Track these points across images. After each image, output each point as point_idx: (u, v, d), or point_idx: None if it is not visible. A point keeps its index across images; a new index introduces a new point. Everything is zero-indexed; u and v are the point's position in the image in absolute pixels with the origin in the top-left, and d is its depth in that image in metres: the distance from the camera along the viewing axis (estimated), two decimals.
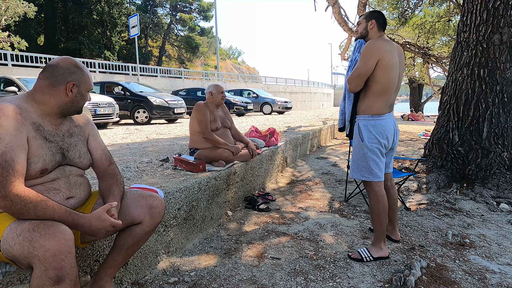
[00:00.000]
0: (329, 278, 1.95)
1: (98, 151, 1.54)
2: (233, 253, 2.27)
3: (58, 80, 1.31)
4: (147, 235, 1.53)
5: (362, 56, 2.03)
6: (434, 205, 3.25)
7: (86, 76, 1.39)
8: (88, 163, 1.49)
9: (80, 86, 1.36)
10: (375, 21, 2.13)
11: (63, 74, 1.32)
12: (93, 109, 7.83)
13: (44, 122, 1.31)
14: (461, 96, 3.88)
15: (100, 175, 1.55)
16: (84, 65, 1.41)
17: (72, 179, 1.39)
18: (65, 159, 1.36)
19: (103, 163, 1.55)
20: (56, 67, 1.32)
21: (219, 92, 3.26)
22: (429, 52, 10.09)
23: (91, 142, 1.53)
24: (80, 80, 1.36)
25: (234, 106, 14.48)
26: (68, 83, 1.32)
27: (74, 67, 1.35)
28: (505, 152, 3.64)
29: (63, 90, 1.32)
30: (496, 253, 2.27)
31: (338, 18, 8.49)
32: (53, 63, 1.34)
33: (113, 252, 1.51)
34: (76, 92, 1.35)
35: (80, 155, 1.44)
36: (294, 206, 3.29)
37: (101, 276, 1.51)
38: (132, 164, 3.11)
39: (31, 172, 1.22)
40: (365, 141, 2.10)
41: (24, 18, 18.73)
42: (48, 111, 1.33)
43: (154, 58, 36.15)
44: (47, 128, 1.32)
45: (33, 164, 1.23)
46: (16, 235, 1.08)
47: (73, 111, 1.40)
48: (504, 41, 3.56)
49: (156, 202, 1.53)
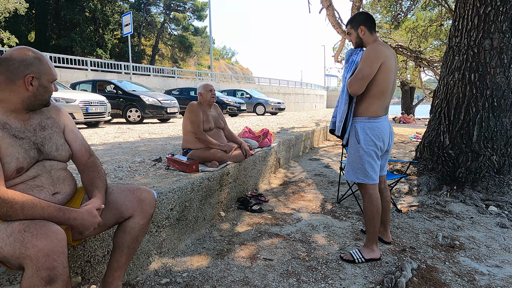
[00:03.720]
0: (321, 279, 1.96)
1: (77, 142, 1.48)
2: (225, 254, 2.27)
3: (15, 74, 1.21)
4: (143, 229, 1.50)
5: (366, 59, 2.02)
6: (424, 207, 3.28)
7: (46, 65, 1.28)
8: (67, 155, 1.42)
9: (40, 78, 1.26)
10: (363, 26, 2.12)
11: (19, 67, 1.22)
12: (85, 107, 7.74)
13: (9, 119, 1.24)
14: (452, 100, 3.93)
15: (80, 168, 1.50)
16: (43, 54, 1.30)
17: (54, 174, 1.34)
18: (41, 154, 1.31)
19: (83, 154, 1.49)
20: (10, 60, 1.21)
21: (208, 90, 3.26)
22: (421, 55, 10.21)
23: (68, 133, 1.46)
24: (39, 72, 1.25)
25: (227, 106, 14.47)
26: (26, 76, 1.22)
27: (31, 58, 1.24)
28: (494, 156, 3.71)
29: (22, 85, 1.22)
30: (485, 255, 2.31)
31: (332, 21, 8.54)
32: (6, 55, 1.23)
33: (115, 254, 1.49)
34: (37, 84, 1.26)
35: (58, 147, 1.37)
36: (287, 207, 3.30)
37: (109, 281, 1.49)
38: (125, 164, 3.08)
39: (7, 173, 1.18)
40: (361, 144, 2.11)
41: (14, 14, 18.42)
42: (11, 107, 1.25)
43: (147, 57, 35.88)
44: (15, 125, 1.25)
45: (6, 164, 1.18)
46: (7, 236, 1.06)
47: (38, 104, 1.32)
48: (495, 46, 3.62)
49: (145, 194, 1.50)
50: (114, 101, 9.85)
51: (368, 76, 2.02)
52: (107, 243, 1.76)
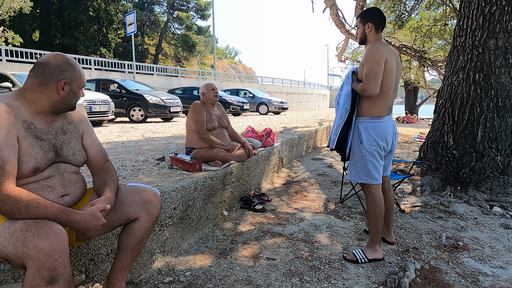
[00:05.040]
0: (324, 279, 1.96)
1: (93, 148, 1.52)
2: (228, 253, 2.27)
3: (49, 79, 1.28)
4: (148, 232, 1.51)
5: (371, 59, 2.00)
6: (428, 208, 3.27)
7: (78, 73, 1.35)
8: (82, 160, 1.46)
9: (72, 83, 1.33)
10: (372, 24, 2.10)
11: (54, 72, 1.28)
12: (88, 106, 7.77)
13: (35, 120, 1.28)
14: (457, 100, 3.91)
15: (94, 172, 1.53)
16: (76, 61, 1.38)
17: (66, 177, 1.37)
18: (58, 157, 1.34)
19: (98, 160, 1.53)
20: (47, 65, 1.28)
21: (210, 89, 3.26)
22: (425, 55, 10.16)
23: (86, 139, 1.50)
24: (71, 78, 1.32)
25: (230, 105, 14.46)
26: (60, 81, 1.29)
27: (65, 64, 1.31)
28: (498, 156, 3.68)
29: (54, 89, 1.29)
30: (489, 256, 2.29)
31: (336, 20, 8.52)
32: (43, 60, 1.30)
33: (119, 255, 1.50)
34: (68, 90, 1.32)
35: (74, 152, 1.41)
36: (290, 207, 3.30)
37: (113, 282, 1.50)
38: (128, 163, 3.09)
39: (23, 171, 1.20)
40: (364, 144, 2.11)
41: (19, 13, 18.50)
42: (39, 109, 1.30)
43: (150, 56, 35.97)
44: (39, 126, 1.29)
45: (24, 163, 1.20)
46: (9, 235, 1.07)
47: (66, 108, 1.37)
48: (500, 46, 3.60)
49: (151, 196, 1.51)
50: (118, 100, 9.88)
51: (380, 74, 1.99)
52: (111, 242, 1.77)
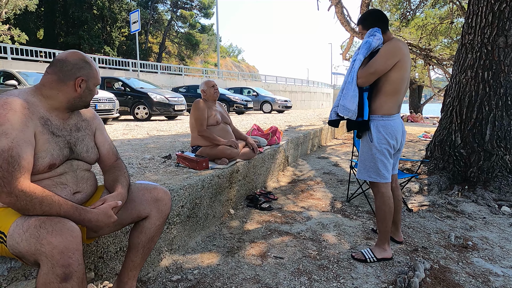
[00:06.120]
0: (333, 278, 1.94)
1: (105, 146, 1.52)
2: (236, 251, 2.26)
3: (67, 76, 1.29)
4: (159, 230, 1.51)
5: (383, 54, 1.98)
6: (436, 207, 3.24)
7: (95, 70, 1.37)
8: (95, 158, 1.47)
9: (88, 81, 1.35)
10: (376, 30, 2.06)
11: (72, 69, 1.30)
12: (93, 104, 7.79)
13: (51, 116, 1.29)
14: (465, 99, 3.87)
15: (105, 169, 1.53)
16: (92, 60, 1.39)
17: (79, 174, 1.37)
18: (72, 154, 1.34)
19: (110, 157, 1.54)
20: (65, 62, 1.30)
21: (210, 86, 3.26)
22: (430, 54, 10.09)
23: (98, 137, 1.51)
24: (88, 75, 1.34)
25: (234, 104, 14.43)
26: (77, 78, 1.31)
27: (83, 62, 1.33)
28: (507, 155, 3.64)
29: (72, 86, 1.30)
30: (499, 256, 2.27)
31: (341, 18, 8.48)
32: (61, 57, 1.32)
33: (130, 254, 1.49)
34: (85, 87, 1.34)
35: (88, 149, 1.42)
36: (296, 205, 3.28)
37: (124, 281, 1.50)
38: (134, 161, 3.09)
39: (39, 167, 1.21)
40: (374, 142, 2.08)
41: (24, 12, 18.60)
42: (56, 105, 1.31)
43: (154, 55, 36.02)
44: (55, 123, 1.30)
45: (40, 159, 1.21)
46: (23, 232, 1.07)
47: (81, 105, 1.39)
48: (509, 44, 3.55)
49: (161, 194, 1.52)
50: (122, 98, 9.90)
51: (380, 72, 1.99)
52: (120, 240, 1.77)
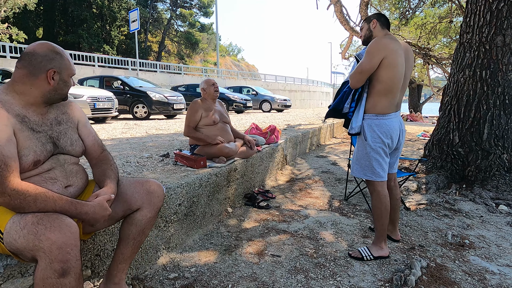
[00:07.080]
0: (329, 276, 1.95)
1: (90, 138, 1.51)
2: (233, 249, 2.27)
3: (38, 69, 1.24)
4: (150, 222, 1.50)
5: (367, 53, 2.01)
6: (433, 206, 3.25)
7: (67, 61, 1.31)
8: (80, 150, 1.45)
9: (61, 72, 1.29)
10: (377, 20, 2.13)
11: (42, 61, 1.24)
12: (92, 103, 7.78)
13: (28, 112, 1.26)
14: (463, 97, 3.88)
15: (93, 162, 1.52)
16: (63, 49, 1.33)
17: (67, 168, 1.36)
18: (57, 148, 1.33)
19: (96, 149, 1.52)
20: (34, 55, 1.24)
21: (210, 85, 3.26)
22: (429, 53, 10.09)
23: (81, 129, 1.49)
24: (61, 67, 1.28)
25: (233, 103, 14.43)
26: (49, 70, 1.25)
27: (52, 53, 1.27)
28: (505, 154, 3.65)
29: (44, 79, 1.25)
30: (495, 254, 2.28)
31: (340, 17, 8.48)
32: (29, 50, 1.25)
33: (121, 246, 1.49)
34: (58, 79, 1.29)
35: (72, 142, 1.40)
36: (294, 204, 3.29)
37: (114, 274, 1.50)
38: (133, 159, 3.10)
39: (24, 165, 1.19)
40: (368, 141, 2.09)
41: (23, 10, 18.56)
42: (31, 101, 1.27)
43: (153, 53, 35.99)
44: (33, 119, 1.27)
45: (24, 157, 1.19)
46: (20, 228, 1.07)
47: (58, 98, 1.35)
48: (507, 43, 3.56)
49: (154, 186, 1.51)
50: (121, 97, 9.89)
51: (367, 70, 2.00)
52: (116, 237, 1.77)
